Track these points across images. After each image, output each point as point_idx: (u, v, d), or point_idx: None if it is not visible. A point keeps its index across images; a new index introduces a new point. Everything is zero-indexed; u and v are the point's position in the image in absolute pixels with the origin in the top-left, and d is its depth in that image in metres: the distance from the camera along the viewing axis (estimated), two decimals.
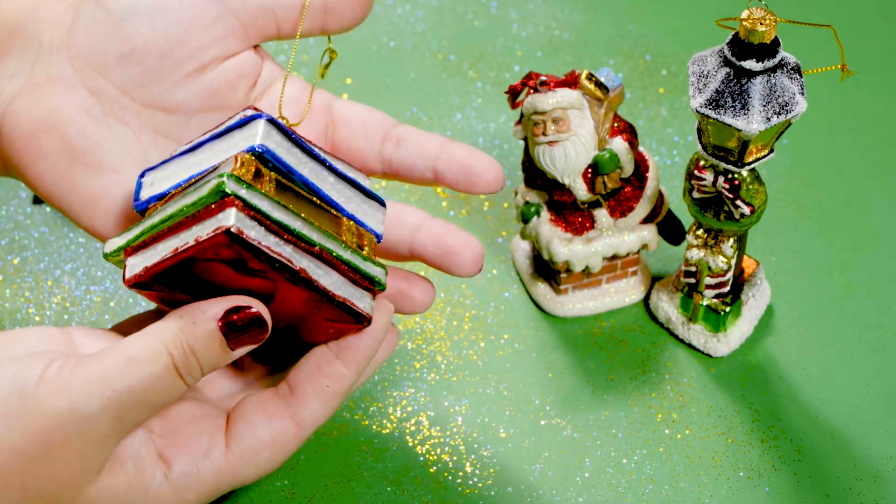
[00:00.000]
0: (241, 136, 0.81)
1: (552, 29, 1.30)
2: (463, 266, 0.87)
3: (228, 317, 0.78)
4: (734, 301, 1.04)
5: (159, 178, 0.82)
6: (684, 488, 0.98)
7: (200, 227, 0.78)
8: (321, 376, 0.83)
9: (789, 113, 0.93)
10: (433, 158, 0.88)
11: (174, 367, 0.77)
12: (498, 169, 0.88)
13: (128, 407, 0.76)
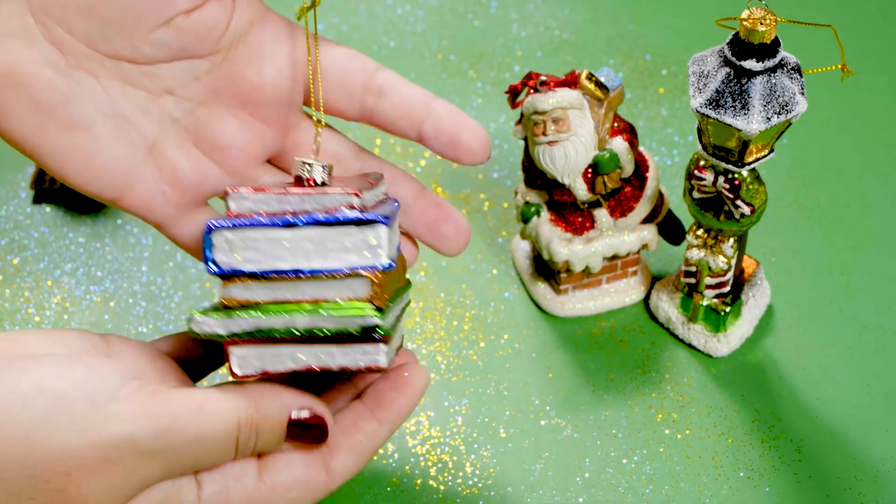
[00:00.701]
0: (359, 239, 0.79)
1: (552, 29, 1.30)
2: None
3: (300, 415, 0.80)
4: (734, 301, 1.04)
5: (240, 246, 0.79)
6: (684, 488, 0.98)
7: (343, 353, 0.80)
8: (356, 431, 0.83)
9: (789, 113, 0.93)
10: (419, 121, 0.85)
11: (236, 439, 0.78)
12: (485, 139, 0.85)
13: (181, 456, 0.77)
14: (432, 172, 1.18)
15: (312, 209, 0.79)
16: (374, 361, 0.80)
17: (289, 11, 0.92)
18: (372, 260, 0.79)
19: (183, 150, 0.85)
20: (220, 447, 0.78)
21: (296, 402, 0.80)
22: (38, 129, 0.82)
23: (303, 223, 0.78)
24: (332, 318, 0.79)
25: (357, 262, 0.79)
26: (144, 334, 1.07)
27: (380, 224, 0.78)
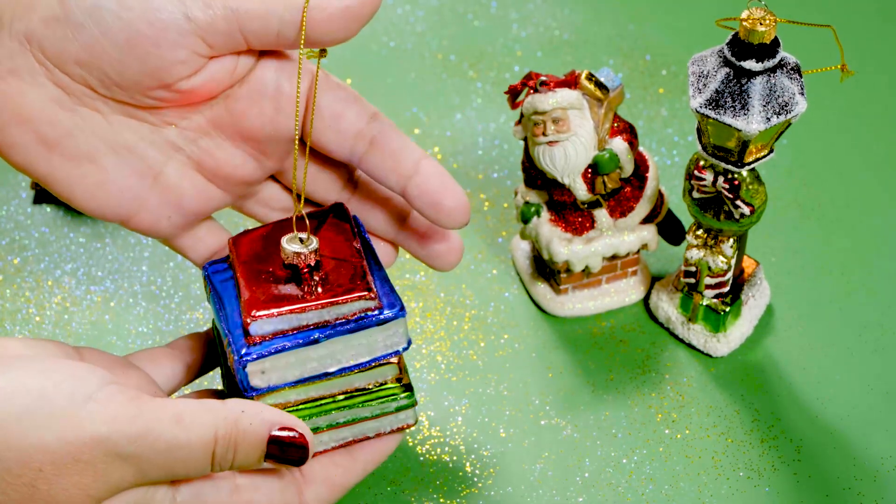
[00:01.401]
0: (381, 335, 0.83)
1: (552, 29, 1.30)
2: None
3: (280, 433, 0.79)
4: (734, 301, 1.05)
5: (271, 369, 0.82)
6: (684, 488, 0.98)
7: (378, 424, 0.86)
8: (333, 466, 0.85)
9: (789, 113, 0.93)
10: (406, 177, 0.85)
11: (212, 452, 0.78)
12: (466, 206, 0.86)
13: (155, 464, 0.76)
14: None
15: (333, 319, 0.82)
16: (405, 422, 0.87)
17: None
18: (394, 346, 0.84)
19: (187, 177, 0.86)
20: (195, 459, 0.77)
21: (277, 421, 0.79)
22: (45, 161, 0.83)
23: (325, 337, 0.82)
24: (369, 407, 0.85)
25: (381, 352, 0.84)
26: (144, 334, 1.07)
27: (399, 318, 0.83)
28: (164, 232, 0.88)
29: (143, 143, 0.84)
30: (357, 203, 0.89)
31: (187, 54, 0.80)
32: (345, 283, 0.82)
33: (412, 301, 1.09)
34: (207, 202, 0.87)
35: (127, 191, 0.85)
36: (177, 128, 0.85)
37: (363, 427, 0.86)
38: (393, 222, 0.90)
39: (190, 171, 0.86)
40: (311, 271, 0.83)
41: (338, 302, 0.81)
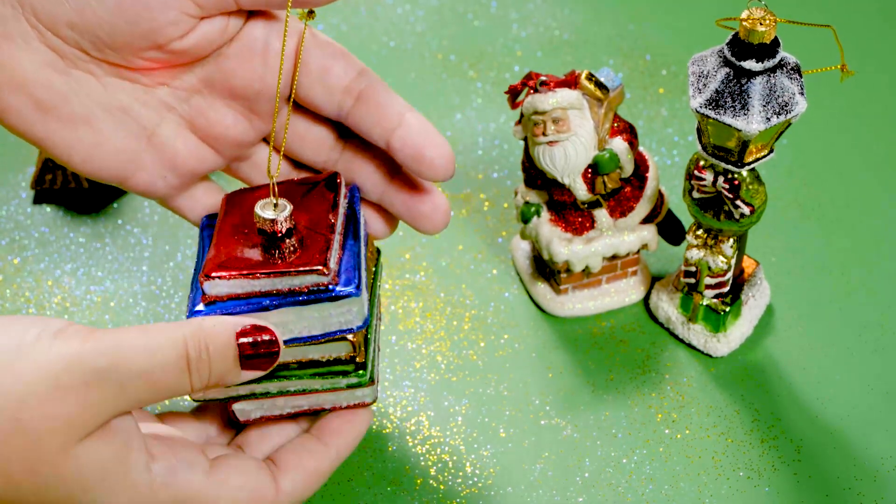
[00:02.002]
0: (334, 310, 0.84)
1: (552, 29, 1.30)
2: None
3: (246, 332, 0.80)
4: (734, 301, 1.05)
5: None
6: (684, 488, 0.98)
7: (334, 397, 0.88)
8: (305, 453, 0.86)
9: (789, 113, 0.93)
10: (389, 130, 0.86)
11: (186, 358, 0.78)
12: (450, 157, 0.86)
13: (132, 377, 0.77)
14: None
15: (286, 290, 0.83)
16: (362, 399, 0.88)
17: None
18: (348, 324, 0.85)
19: (181, 137, 0.87)
20: (171, 369, 0.78)
21: (240, 322, 0.81)
22: (42, 125, 0.84)
23: (274, 306, 0.83)
24: (320, 380, 0.87)
25: (334, 328, 0.84)
26: None
27: (353, 297, 0.83)
28: (161, 192, 0.89)
29: (136, 104, 0.85)
30: (346, 163, 0.90)
31: (178, 15, 0.82)
32: (305, 255, 0.83)
33: (412, 301, 1.09)
34: (201, 162, 0.88)
35: (123, 152, 0.86)
36: (169, 87, 0.86)
37: (318, 398, 0.88)
38: (380, 181, 0.90)
39: (183, 130, 0.87)
40: (282, 238, 0.83)
41: (290, 273, 0.82)
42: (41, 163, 1.16)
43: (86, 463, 0.77)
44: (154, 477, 0.80)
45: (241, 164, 0.91)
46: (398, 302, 1.09)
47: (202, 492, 0.81)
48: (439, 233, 0.91)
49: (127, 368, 0.77)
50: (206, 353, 0.79)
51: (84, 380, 0.76)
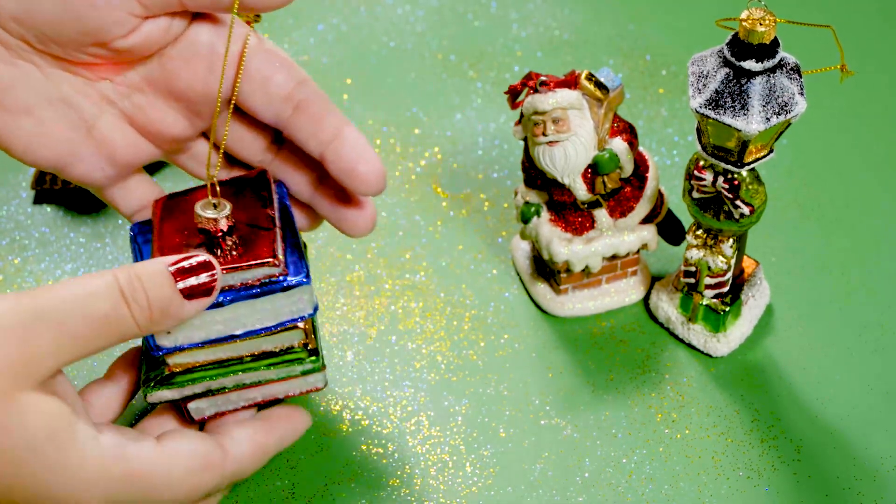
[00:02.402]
0: (285, 301, 0.86)
1: (552, 29, 1.30)
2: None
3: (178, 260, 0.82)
4: (734, 301, 1.05)
5: (177, 329, 0.85)
6: (684, 488, 0.98)
7: (287, 386, 0.91)
8: (248, 426, 0.88)
9: (789, 113, 0.93)
10: (325, 143, 0.88)
11: (119, 288, 0.79)
12: (380, 173, 0.88)
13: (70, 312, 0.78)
14: (432, 172, 1.19)
15: (238, 284, 0.85)
16: (314, 385, 0.92)
17: None
18: (299, 312, 0.87)
19: (119, 130, 0.89)
20: (104, 294, 0.79)
21: (169, 258, 0.82)
22: None
23: (228, 301, 0.85)
24: (275, 370, 0.89)
25: (287, 317, 0.87)
26: None
27: (303, 286, 0.86)
28: (98, 182, 0.90)
29: (78, 97, 0.87)
30: (279, 164, 0.92)
31: (122, 15, 0.83)
32: (252, 250, 0.85)
33: (412, 301, 1.09)
34: (138, 154, 0.90)
35: (62, 142, 0.87)
36: (111, 83, 0.87)
37: (272, 389, 0.90)
38: (310, 184, 0.92)
39: (123, 124, 0.89)
40: (223, 237, 0.85)
41: (242, 267, 0.84)
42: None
43: (32, 416, 0.77)
44: (104, 449, 0.80)
45: (178, 155, 0.92)
46: (398, 302, 1.09)
47: (155, 463, 0.82)
48: (365, 236, 0.94)
49: (62, 303, 0.78)
50: (139, 281, 0.80)
51: (23, 321, 0.77)
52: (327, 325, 1.07)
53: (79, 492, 0.79)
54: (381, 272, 1.11)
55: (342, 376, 1.04)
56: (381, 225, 1.14)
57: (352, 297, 1.10)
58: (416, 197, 1.17)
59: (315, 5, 1.34)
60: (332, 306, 1.09)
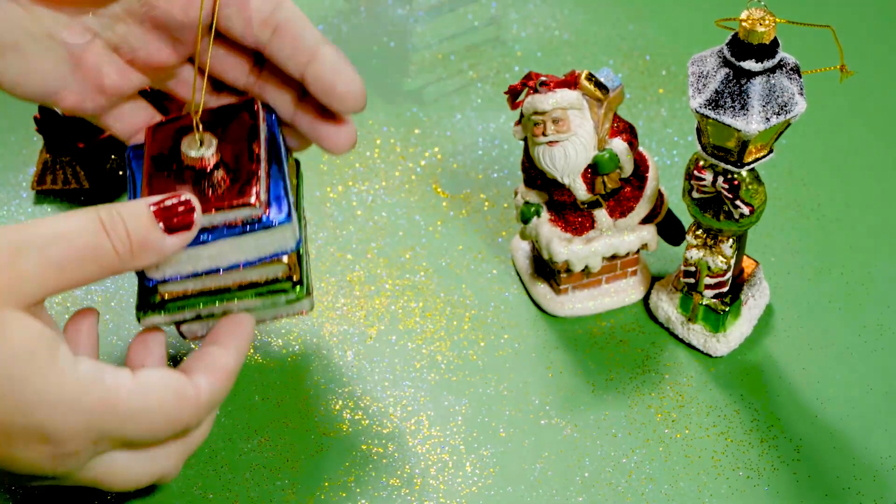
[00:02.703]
0: (269, 238, 0.88)
1: (552, 29, 1.31)
2: None
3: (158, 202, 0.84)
4: (733, 301, 1.05)
5: (165, 263, 0.88)
6: (684, 488, 0.98)
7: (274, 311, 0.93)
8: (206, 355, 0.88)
9: (788, 113, 0.93)
10: (304, 64, 0.89)
11: (100, 220, 0.81)
12: (360, 91, 0.90)
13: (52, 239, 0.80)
14: (432, 172, 1.19)
15: (221, 224, 0.87)
16: (300, 310, 0.93)
17: None
18: (283, 248, 0.89)
19: (106, 60, 0.91)
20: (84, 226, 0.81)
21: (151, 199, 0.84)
22: None
23: (212, 239, 0.87)
24: (261, 299, 0.91)
25: (270, 252, 0.89)
26: None
27: (285, 224, 0.88)
28: (90, 111, 0.93)
29: (62, 30, 0.89)
30: (261, 85, 0.93)
31: None
32: (235, 189, 0.87)
33: (412, 301, 1.09)
34: (127, 83, 0.92)
35: (50, 75, 0.89)
36: (94, 15, 0.89)
37: (259, 314, 0.92)
38: (291, 103, 0.93)
39: (109, 54, 0.91)
40: (210, 173, 0.87)
41: (224, 208, 0.86)
42: (41, 163, 1.16)
43: (15, 332, 0.78)
44: (81, 374, 0.81)
45: (167, 81, 0.94)
46: (398, 302, 1.09)
47: (132, 392, 0.82)
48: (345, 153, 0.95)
49: (46, 232, 0.80)
50: (120, 216, 0.82)
51: (8, 247, 0.79)
52: (327, 325, 1.08)
53: (58, 416, 0.79)
54: (381, 272, 1.11)
55: (342, 376, 1.05)
56: (381, 225, 1.15)
57: (352, 297, 1.10)
58: (416, 197, 1.17)
59: (315, 5, 1.34)
60: (332, 306, 1.09)
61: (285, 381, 1.04)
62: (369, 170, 1.19)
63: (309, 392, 1.04)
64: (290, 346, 1.07)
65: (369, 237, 1.14)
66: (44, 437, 0.80)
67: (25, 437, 0.79)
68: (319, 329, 1.07)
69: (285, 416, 1.02)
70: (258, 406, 1.03)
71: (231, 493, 0.98)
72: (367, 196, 1.17)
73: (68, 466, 0.82)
